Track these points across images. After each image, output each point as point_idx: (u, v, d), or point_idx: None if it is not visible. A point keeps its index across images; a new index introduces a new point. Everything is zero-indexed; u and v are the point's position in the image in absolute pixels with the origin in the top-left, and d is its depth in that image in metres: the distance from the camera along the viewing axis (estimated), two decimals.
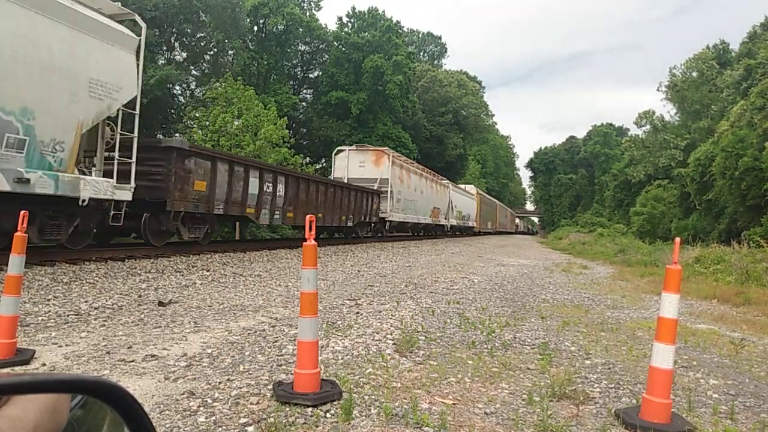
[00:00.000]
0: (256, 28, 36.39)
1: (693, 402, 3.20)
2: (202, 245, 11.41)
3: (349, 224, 18.72)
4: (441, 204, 32.35)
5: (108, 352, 3.72)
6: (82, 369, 3.37)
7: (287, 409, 2.76)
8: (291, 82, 41.65)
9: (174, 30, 23.36)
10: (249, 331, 4.56)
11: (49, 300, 5.45)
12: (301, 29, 37.86)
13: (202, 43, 25.29)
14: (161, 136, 20.93)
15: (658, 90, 55.12)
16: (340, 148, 22.95)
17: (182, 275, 7.89)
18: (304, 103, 41.52)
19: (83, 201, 7.66)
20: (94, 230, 9.00)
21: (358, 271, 10.13)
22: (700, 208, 33.70)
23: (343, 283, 8.23)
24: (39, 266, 7.30)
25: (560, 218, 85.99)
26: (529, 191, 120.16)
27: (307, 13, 39.97)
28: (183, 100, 26.16)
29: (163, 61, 23.53)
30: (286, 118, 23.84)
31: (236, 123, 19.91)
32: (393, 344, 4.32)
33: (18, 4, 6.44)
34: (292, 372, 3.09)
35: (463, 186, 43.74)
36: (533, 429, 2.70)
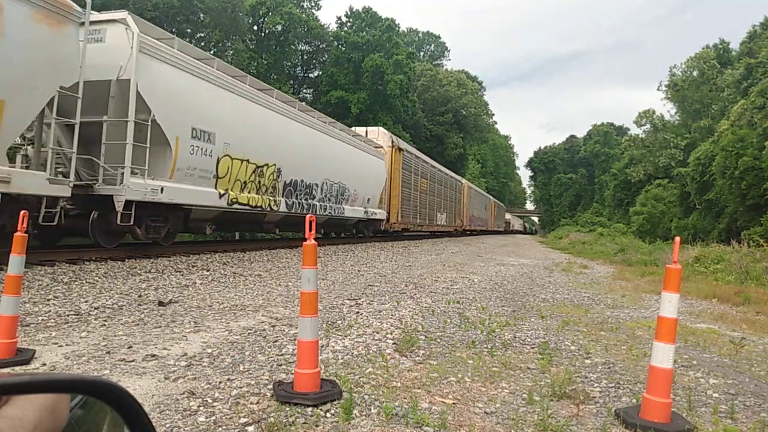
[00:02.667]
0: (255, 27, 36.39)
1: (693, 401, 3.20)
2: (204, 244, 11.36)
3: None
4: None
5: (108, 352, 3.71)
6: (82, 369, 3.36)
7: (287, 408, 2.76)
8: (291, 82, 41.67)
9: (174, 30, 23.38)
10: (249, 331, 4.56)
11: (49, 300, 5.44)
12: (300, 29, 37.85)
13: (202, 43, 25.34)
14: None
15: (658, 89, 55.40)
16: None
17: (182, 275, 7.89)
18: (304, 103, 41.43)
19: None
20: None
21: (358, 270, 10.13)
22: (700, 208, 33.76)
23: (343, 283, 8.23)
24: (39, 266, 7.29)
25: (560, 218, 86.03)
26: (529, 191, 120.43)
27: (305, 13, 39.95)
28: None
29: None
30: None
31: None
32: (393, 344, 4.32)
33: None
34: (292, 372, 3.09)
35: (363, 130, 21.17)
36: (533, 428, 2.70)
